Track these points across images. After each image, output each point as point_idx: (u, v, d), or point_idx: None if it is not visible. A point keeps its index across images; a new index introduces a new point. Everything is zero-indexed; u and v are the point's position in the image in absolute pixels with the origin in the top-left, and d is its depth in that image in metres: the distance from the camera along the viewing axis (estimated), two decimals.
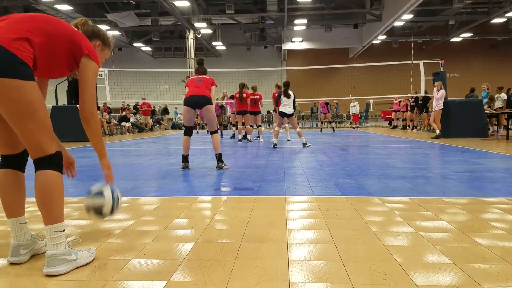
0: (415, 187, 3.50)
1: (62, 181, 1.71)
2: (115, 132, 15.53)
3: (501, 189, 3.38)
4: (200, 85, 4.94)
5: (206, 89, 4.94)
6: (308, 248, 1.94)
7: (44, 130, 1.64)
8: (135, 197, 3.24)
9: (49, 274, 1.63)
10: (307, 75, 31.20)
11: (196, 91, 4.87)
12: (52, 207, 1.66)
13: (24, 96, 1.56)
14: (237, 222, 2.43)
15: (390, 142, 9.39)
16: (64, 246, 1.68)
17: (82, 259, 1.74)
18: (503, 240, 2.04)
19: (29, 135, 1.61)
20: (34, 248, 1.83)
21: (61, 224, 1.68)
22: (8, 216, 1.79)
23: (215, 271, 1.67)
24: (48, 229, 1.66)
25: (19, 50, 1.55)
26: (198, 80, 5.02)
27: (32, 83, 1.60)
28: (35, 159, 1.67)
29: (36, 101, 1.60)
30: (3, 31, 1.57)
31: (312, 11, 23.74)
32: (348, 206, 2.80)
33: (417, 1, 17.42)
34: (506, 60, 31.71)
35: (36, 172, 1.67)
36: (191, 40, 23.96)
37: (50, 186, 1.66)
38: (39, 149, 1.64)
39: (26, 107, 1.57)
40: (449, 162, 5.28)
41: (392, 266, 1.70)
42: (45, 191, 1.64)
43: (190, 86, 4.99)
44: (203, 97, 4.85)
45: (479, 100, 11.02)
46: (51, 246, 1.65)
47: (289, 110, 8.07)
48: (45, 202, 1.65)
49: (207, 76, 5.16)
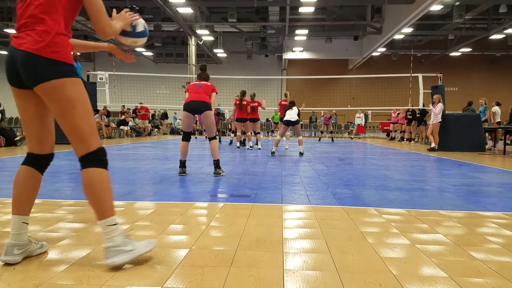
0: (412, 199, 3.50)
1: (107, 177, 1.78)
2: (113, 136, 15.51)
3: (498, 203, 3.39)
4: (200, 91, 4.94)
5: (206, 95, 4.93)
6: (304, 258, 1.93)
7: (88, 125, 1.74)
8: (131, 201, 3.23)
9: (109, 264, 1.70)
10: (307, 85, 31.35)
11: (196, 96, 4.87)
12: (100, 203, 1.73)
13: (69, 92, 1.69)
14: (233, 230, 2.42)
15: (387, 153, 9.40)
16: (120, 238, 1.73)
17: (138, 249, 1.78)
18: (499, 254, 2.03)
19: (75, 129, 1.72)
20: (28, 249, 1.82)
21: (113, 218, 1.75)
22: (14, 212, 1.80)
23: (210, 278, 1.66)
24: (101, 224, 1.74)
25: (54, 53, 1.66)
26: (199, 86, 5.01)
27: (75, 79, 1.70)
28: (80, 157, 1.76)
29: (82, 97, 1.73)
30: (32, 39, 1.66)
31: (313, 22, 23.96)
32: (345, 216, 2.80)
33: (417, 15, 17.62)
34: (505, 75, 31.97)
35: (82, 170, 1.76)
36: (193, 46, 24.08)
37: (96, 183, 1.73)
38: (83, 144, 1.73)
39: (72, 103, 1.69)
40: (446, 175, 5.29)
41: (387, 278, 1.69)
42: (92, 189, 1.72)
43: (191, 92, 4.99)
44: (203, 103, 4.84)
45: (477, 114, 11.08)
46: (106, 239, 1.73)
47: (294, 117, 8.26)
48: (93, 199, 1.73)
49: (209, 83, 5.15)
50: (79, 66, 11.12)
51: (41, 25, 1.66)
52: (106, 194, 1.75)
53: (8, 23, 21.45)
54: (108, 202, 1.75)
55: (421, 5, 16.27)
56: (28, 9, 1.68)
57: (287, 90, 32.82)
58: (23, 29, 1.68)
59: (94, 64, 33.31)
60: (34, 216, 2.67)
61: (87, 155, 1.75)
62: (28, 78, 1.68)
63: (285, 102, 10.05)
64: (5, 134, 9.27)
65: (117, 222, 1.76)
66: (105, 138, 14.35)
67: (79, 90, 1.72)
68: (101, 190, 1.74)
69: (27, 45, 1.64)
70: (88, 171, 1.74)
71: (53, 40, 1.67)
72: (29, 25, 1.67)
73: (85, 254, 1.92)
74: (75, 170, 5.12)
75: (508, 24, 21.24)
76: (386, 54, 29.96)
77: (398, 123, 17.16)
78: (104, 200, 1.74)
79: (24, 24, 1.68)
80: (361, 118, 19.95)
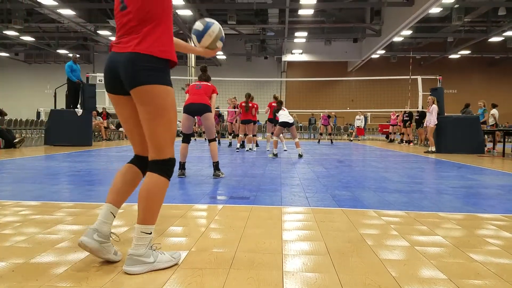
0: (411, 201, 3.50)
1: (165, 189, 1.80)
2: (112, 138, 15.50)
3: (497, 205, 3.39)
4: (200, 92, 4.92)
5: (206, 97, 4.92)
6: (303, 260, 1.93)
7: (170, 133, 1.80)
8: (130, 203, 3.22)
9: (126, 272, 1.70)
10: (306, 87, 31.39)
11: (195, 98, 4.87)
12: (149, 210, 1.76)
13: (162, 99, 1.74)
14: (232, 232, 2.41)
15: (386, 155, 9.41)
16: (145, 248, 1.73)
17: (160, 263, 1.77)
18: (498, 256, 2.03)
19: (156, 135, 1.76)
20: (105, 245, 1.79)
21: (150, 227, 1.76)
22: (108, 201, 1.87)
23: (209, 280, 1.66)
24: (137, 228, 1.74)
25: (162, 52, 1.74)
26: (198, 86, 5.00)
27: (170, 88, 1.79)
28: (151, 160, 1.80)
29: (173, 105, 1.79)
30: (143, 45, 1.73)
31: (313, 24, 24.02)
32: (344, 218, 2.80)
33: (416, 18, 17.66)
34: (503, 77, 32.05)
35: (147, 172, 1.80)
36: None
37: (155, 191, 1.76)
38: (159, 150, 1.78)
39: (162, 110, 1.75)
40: (445, 177, 5.29)
41: (386, 279, 1.69)
42: (147, 193, 1.74)
43: (190, 93, 4.98)
44: (202, 105, 4.84)
45: (476, 116, 11.09)
46: (134, 245, 1.73)
47: (291, 119, 8.21)
48: (145, 204, 1.75)
49: (209, 83, 5.15)
50: (79, 68, 11.14)
51: (143, 30, 1.72)
52: (158, 204, 1.79)
53: (7, 25, 21.47)
54: (156, 211, 1.78)
55: (420, 7, 16.31)
56: (127, 17, 1.75)
57: (286, 92, 32.96)
58: (126, 36, 1.75)
59: (93, 66, 33.31)
60: (33, 218, 2.67)
61: (159, 161, 1.79)
62: (128, 80, 1.72)
63: (274, 104, 10.09)
64: (4, 136, 9.26)
65: (151, 232, 1.76)
66: (104, 140, 14.34)
67: (172, 98, 1.80)
68: (156, 199, 1.77)
69: (133, 47, 1.71)
70: (152, 176, 1.78)
71: (159, 39, 1.73)
72: (131, 30, 1.74)
73: (84, 256, 1.92)
74: (74, 172, 5.12)
75: (507, 27, 21.30)
76: (385, 56, 30.03)
77: (398, 125, 17.18)
78: (153, 209, 1.77)
79: (126, 31, 1.75)
80: (361, 120, 19.97)
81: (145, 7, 1.71)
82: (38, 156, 7.55)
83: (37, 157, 7.44)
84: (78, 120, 10.62)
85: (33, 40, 26.60)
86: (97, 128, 14.02)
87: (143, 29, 1.72)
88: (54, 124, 10.66)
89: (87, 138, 10.88)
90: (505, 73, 32.03)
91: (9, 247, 2.06)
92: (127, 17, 1.75)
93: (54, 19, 22.93)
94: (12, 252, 1.98)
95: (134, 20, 1.72)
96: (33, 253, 1.95)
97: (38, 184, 4.08)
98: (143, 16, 1.72)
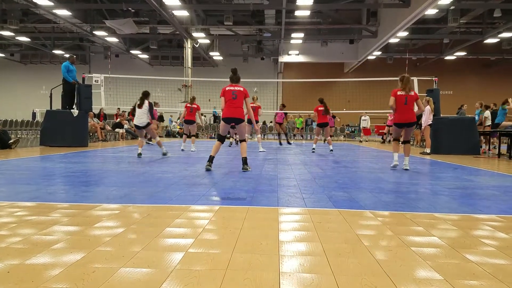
0: (407, 202, 3.51)
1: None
2: (108, 139, 15.44)
3: (492, 206, 3.41)
4: (235, 105, 5.59)
5: (241, 109, 5.67)
6: (300, 261, 1.93)
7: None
8: (126, 204, 3.21)
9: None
10: (303, 88, 31.40)
11: (232, 112, 5.60)
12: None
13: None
14: (229, 233, 2.41)
15: (383, 156, 9.44)
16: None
17: None
18: (493, 257, 2.04)
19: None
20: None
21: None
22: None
23: (205, 282, 1.66)
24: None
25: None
26: (234, 96, 5.59)
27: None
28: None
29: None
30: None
31: (309, 25, 24.06)
32: (341, 219, 2.80)
33: (413, 19, 17.75)
34: (499, 79, 32.23)
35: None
36: (189, 49, 24.08)
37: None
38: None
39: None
40: (441, 178, 5.32)
41: (383, 280, 1.70)
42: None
43: (227, 104, 5.61)
44: (238, 119, 5.71)
45: (471, 117, 11.15)
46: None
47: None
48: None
49: (241, 87, 5.70)
50: (74, 69, 11.08)
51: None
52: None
53: (3, 25, 21.36)
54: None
55: (417, 9, 16.40)
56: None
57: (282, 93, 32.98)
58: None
59: (89, 67, 33.20)
60: (29, 219, 2.66)
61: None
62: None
63: (253, 104, 10.32)
64: None
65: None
66: (100, 141, 14.29)
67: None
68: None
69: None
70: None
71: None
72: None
73: (80, 257, 1.91)
74: (70, 173, 5.10)
75: (503, 28, 21.44)
76: (381, 57, 30.11)
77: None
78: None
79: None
80: (366, 120, 19.97)
81: None
82: (34, 157, 7.51)
83: (33, 158, 7.39)
84: (73, 121, 10.57)
85: (29, 41, 26.47)
86: (93, 129, 13.96)
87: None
88: (50, 125, 10.61)
89: (83, 139, 10.83)
90: (501, 75, 32.23)
91: (5, 248, 2.05)
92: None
93: (49, 19, 22.83)
94: (7, 253, 1.97)
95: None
96: (28, 254, 1.94)
97: (34, 185, 4.06)
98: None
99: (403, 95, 6.13)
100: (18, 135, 15.78)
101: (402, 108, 6.12)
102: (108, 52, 31.25)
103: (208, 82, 21.78)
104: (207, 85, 23.13)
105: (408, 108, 6.12)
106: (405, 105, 6.10)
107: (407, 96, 6.11)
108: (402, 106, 6.12)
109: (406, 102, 6.10)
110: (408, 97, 6.11)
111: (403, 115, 6.14)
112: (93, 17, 22.58)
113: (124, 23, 20.38)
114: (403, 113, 6.13)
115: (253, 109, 10.23)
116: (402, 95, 6.13)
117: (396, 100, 6.15)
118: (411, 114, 6.14)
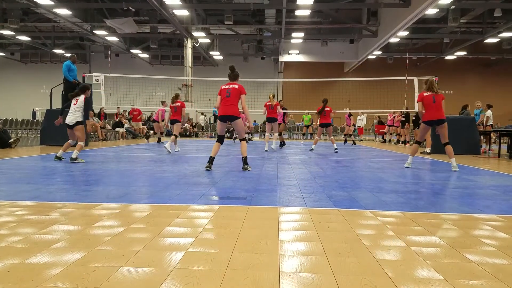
0: (407, 201, 3.51)
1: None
2: (108, 138, 15.44)
3: (492, 206, 3.41)
4: (229, 102, 5.56)
5: (235, 106, 5.61)
6: (300, 260, 1.93)
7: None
8: (126, 203, 3.21)
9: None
10: (303, 87, 31.41)
11: (225, 110, 5.58)
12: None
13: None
14: (229, 232, 2.41)
15: (383, 156, 9.44)
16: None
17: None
18: (493, 257, 2.04)
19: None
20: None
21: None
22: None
23: (205, 281, 1.66)
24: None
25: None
26: (228, 94, 5.58)
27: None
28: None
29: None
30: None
31: (309, 25, 24.06)
32: (341, 219, 2.80)
33: (413, 19, 17.74)
34: (499, 78, 32.24)
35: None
36: (189, 48, 24.08)
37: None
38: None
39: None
40: (441, 177, 5.31)
41: (383, 280, 1.70)
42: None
43: (222, 101, 5.62)
44: (233, 117, 5.66)
45: (471, 117, 11.14)
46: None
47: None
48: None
49: (237, 84, 5.69)
50: (75, 68, 11.08)
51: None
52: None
53: (3, 24, 21.35)
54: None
55: (417, 8, 16.39)
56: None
57: (283, 92, 32.97)
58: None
59: (89, 66, 33.20)
60: (29, 218, 2.66)
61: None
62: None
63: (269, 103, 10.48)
64: None
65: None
66: (100, 140, 14.29)
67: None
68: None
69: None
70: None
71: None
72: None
73: (80, 257, 1.91)
74: (69, 173, 5.10)
75: (503, 28, 21.43)
76: (381, 57, 30.12)
77: (394, 126, 17.21)
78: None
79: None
80: (361, 120, 19.98)
81: None
82: (34, 156, 7.51)
83: (33, 157, 7.40)
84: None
85: (29, 40, 26.47)
86: (93, 129, 13.96)
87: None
88: (50, 124, 10.59)
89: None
90: (501, 74, 32.23)
91: (5, 247, 2.05)
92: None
93: (50, 18, 22.83)
94: (7, 252, 1.97)
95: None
96: (29, 254, 1.94)
97: (34, 184, 4.06)
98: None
99: (430, 95, 6.27)
100: (18, 135, 15.79)
101: (431, 106, 6.23)
102: (108, 51, 31.25)
103: (208, 82, 21.79)
104: (207, 85, 23.14)
105: (436, 106, 6.21)
106: (433, 103, 6.22)
107: (435, 96, 6.25)
108: (430, 105, 6.24)
109: (434, 101, 6.22)
110: (435, 96, 6.24)
111: (432, 112, 6.22)
112: (93, 16, 22.58)
113: (124, 22, 20.38)
114: (432, 111, 6.23)
115: (271, 106, 10.31)
116: (429, 95, 6.28)
117: (424, 100, 6.30)
118: (440, 111, 6.22)
